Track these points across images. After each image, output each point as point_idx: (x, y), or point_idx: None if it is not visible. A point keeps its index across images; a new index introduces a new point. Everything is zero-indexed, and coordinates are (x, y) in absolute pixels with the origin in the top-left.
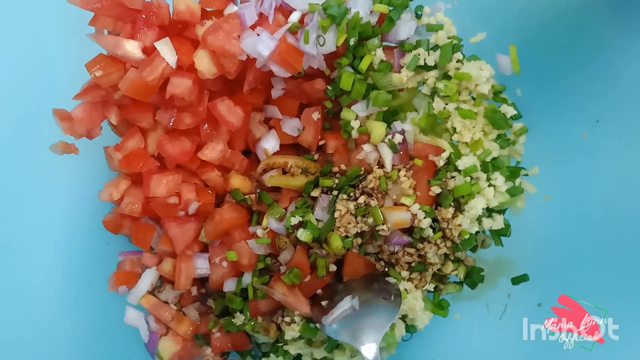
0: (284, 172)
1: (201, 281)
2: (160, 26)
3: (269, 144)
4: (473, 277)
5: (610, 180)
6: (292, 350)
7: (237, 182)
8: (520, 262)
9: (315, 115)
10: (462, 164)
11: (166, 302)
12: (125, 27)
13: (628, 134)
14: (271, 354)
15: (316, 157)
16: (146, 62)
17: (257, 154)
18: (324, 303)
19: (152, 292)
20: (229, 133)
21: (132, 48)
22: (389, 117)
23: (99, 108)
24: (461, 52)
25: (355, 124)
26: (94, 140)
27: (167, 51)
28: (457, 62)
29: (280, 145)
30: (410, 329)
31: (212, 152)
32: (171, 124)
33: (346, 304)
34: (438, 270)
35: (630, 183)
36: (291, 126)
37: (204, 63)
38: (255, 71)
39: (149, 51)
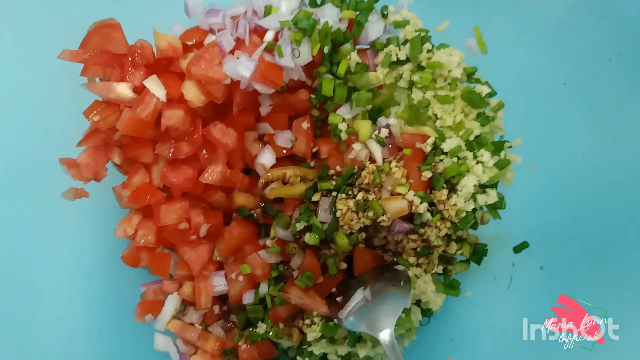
0: (284, 183)
1: (222, 299)
2: (147, 65)
3: (266, 158)
4: (478, 253)
5: (587, 137)
6: (317, 350)
7: (242, 199)
8: (520, 232)
9: (305, 125)
10: (447, 146)
11: (191, 324)
12: (114, 71)
13: (593, 92)
14: (297, 357)
15: (312, 164)
16: (138, 101)
17: (256, 170)
18: (338, 299)
19: (176, 316)
20: (226, 154)
21: (123, 90)
22: (376, 115)
23: (101, 151)
24: (430, 42)
25: (342, 127)
26: (102, 182)
27: (155, 87)
28: (427, 52)
29: (277, 158)
30: (427, 312)
31: (212, 174)
32: (170, 154)
33: (359, 296)
34: (444, 252)
35: (605, 136)
36: (284, 138)
37: (191, 93)
38: (241, 92)
39: (140, 90)
